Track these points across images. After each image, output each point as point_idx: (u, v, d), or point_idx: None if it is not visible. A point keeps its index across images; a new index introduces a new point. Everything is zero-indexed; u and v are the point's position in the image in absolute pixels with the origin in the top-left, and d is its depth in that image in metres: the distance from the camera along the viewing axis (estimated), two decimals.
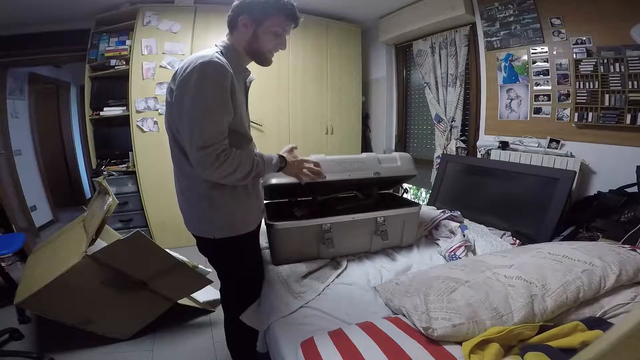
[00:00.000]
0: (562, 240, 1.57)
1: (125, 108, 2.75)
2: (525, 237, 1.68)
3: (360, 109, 3.55)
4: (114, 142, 2.91)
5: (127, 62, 2.67)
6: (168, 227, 2.81)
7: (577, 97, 1.89)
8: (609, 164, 1.83)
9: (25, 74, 3.39)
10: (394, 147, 3.52)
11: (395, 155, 1.60)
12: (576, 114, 1.91)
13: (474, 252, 1.53)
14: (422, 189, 3.39)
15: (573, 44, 1.89)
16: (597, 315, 0.94)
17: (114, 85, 2.78)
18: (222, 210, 1.06)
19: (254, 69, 1.13)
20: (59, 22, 2.80)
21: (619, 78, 1.71)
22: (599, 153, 1.86)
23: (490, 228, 1.83)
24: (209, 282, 1.77)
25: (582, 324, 0.86)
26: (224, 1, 2.66)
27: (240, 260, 1.20)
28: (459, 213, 1.83)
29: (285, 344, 1.00)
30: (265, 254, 1.48)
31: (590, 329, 0.84)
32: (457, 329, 0.85)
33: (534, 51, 2.11)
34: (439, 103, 2.80)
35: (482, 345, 0.81)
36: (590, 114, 1.85)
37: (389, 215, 1.49)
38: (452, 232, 1.65)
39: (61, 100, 4.18)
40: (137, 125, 2.69)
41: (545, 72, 2.06)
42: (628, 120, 1.69)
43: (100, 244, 1.58)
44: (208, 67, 0.90)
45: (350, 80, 3.42)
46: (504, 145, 2.28)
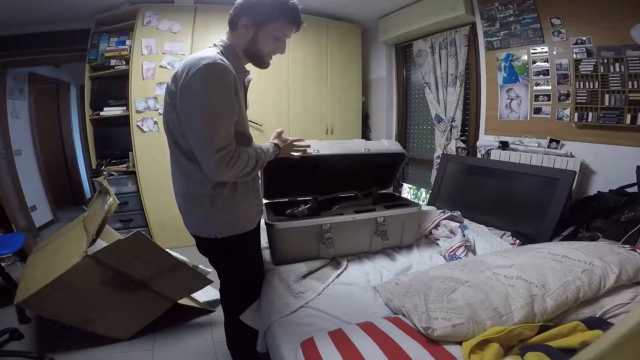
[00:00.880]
0: (562, 240, 1.57)
1: (125, 108, 2.75)
2: (525, 237, 1.68)
3: (360, 109, 3.55)
4: (114, 142, 2.91)
5: (127, 62, 2.67)
6: (168, 227, 2.81)
7: (577, 97, 1.89)
8: (609, 164, 1.83)
9: (25, 74, 3.39)
10: None
11: (381, 140, 1.71)
12: (576, 114, 1.90)
13: (474, 252, 1.54)
14: (422, 189, 3.39)
15: (573, 44, 1.89)
16: (597, 315, 0.94)
17: (114, 85, 2.78)
18: (222, 210, 1.06)
19: (253, 69, 1.13)
20: (59, 22, 2.80)
21: (619, 78, 1.71)
22: (599, 153, 1.86)
23: (490, 228, 1.83)
24: (209, 282, 1.77)
25: (582, 324, 0.86)
26: (224, 1, 2.67)
27: (241, 259, 1.20)
28: (459, 213, 1.83)
29: (285, 344, 1.00)
30: (265, 254, 1.48)
31: (590, 329, 0.84)
32: (457, 329, 0.85)
33: (534, 51, 2.11)
34: (439, 103, 2.80)
35: (482, 345, 0.81)
36: (590, 114, 1.85)
37: (389, 215, 1.49)
38: (452, 232, 1.65)
39: (61, 100, 4.18)
40: (137, 125, 2.69)
41: (545, 72, 2.06)
42: (628, 120, 1.69)
43: (101, 244, 1.58)
44: (212, 69, 0.89)
45: (350, 80, 3.42)
46: (504, 145, 2.28)
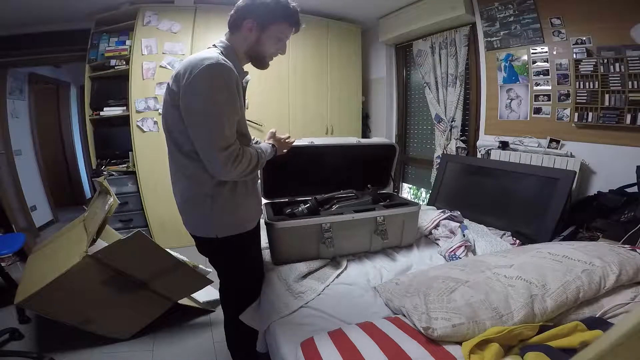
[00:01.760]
0: (562, 240, 1.57)
1: (125, 108, 2.75)
2: (525, 237, 1.68)
3: (360, 109, 3.55)
4: (114, 142, 2.90)
5: (127, 62, 2.67)
6: (168, 227, 2.81)
7: (577, 97, 1.89)
8: (609, 164, 1.83)
9: (25, 74, 3.39)
10: None
11: (373, 137, 1.86)
12: (576, 114, 1.90)
13: (474, 252, 1.54)
14: (422, 189, 3.40)
15: (573, 44, 1.89)
16: (597, 315, 0.94)
17: (114, 85, 2.78)
18: (223, 210, 1.07)
19: (253, 69, 1.14)
20: (59, 22, 2.79)
21: (619, 78, 1.71)
22: (599, 153, 1.86)
23: (490, 228, 1.83)
24: (209, 282, 1.77)
25: (582, 324, 0.86)
26: (224, 1, 2.67)
27: (241, 259, 1.20)
28: (459, 213, 1.83)
29: (285, 344, 1.00)
30: (265, 253, 1.48)
31: (590, 329, 0.84)
32: (457, 329, 0.85)
33: (534, 51, 2.11)
34: (439, 103, 2.80)
35: (482, 345, 0.81)
36: (590, 114, 1.85)
37: (389, 215, 1.49)
38: (452, 232, 1.65)
39: (61, 100, 4.18)
40: (137, 125, 2.69)
41: (545, 72, 2.06)
42: (628, 120, 1.69)
43: (101, 244, 1.58)
44: (216, 69, 0.90)
45: (350, 80, 3.42)
46: (504, 145, 2.28)
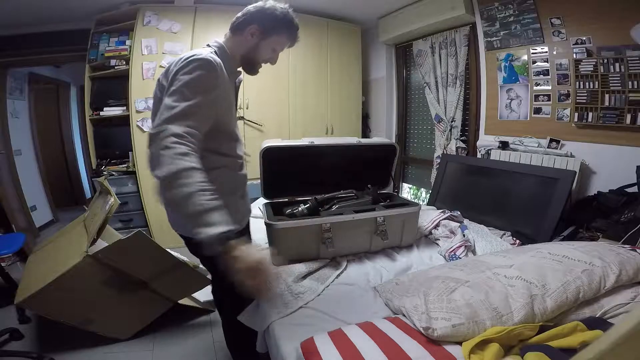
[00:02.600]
0: (562, 240, 1.57)
1: (125, 108, 2.75)
2: (525, 237, 1.68)
3: (360, 109, 3.55)
4: (114, 142, 2.90)
5: (127, 62, 2.67)
6: (168, 227, 2.74)
7: (577, 97, 1.89)
8: (609, 164, 1.83)
9: (25, 74, 3.39)
10: None
11: (373, 137, 1.87)
12: (576, 114, 1.90)
13: (474, 252, 1.53)
14: (422, 189, 3.40)
15: (573, 44, 1.89)
16: (597, 315, 0.94)
17: (114, 85, 2.78)
18: None
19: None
20: (59, 22, 2.80)
21: (619, 78, 1.71)
22: (599, 153, 1.86)
23: (490, 228, 1.83)
24: (209, 282, 1.77)
25: (582, 324, 0.86)
26: (224, 1, 2.68)
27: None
28: (459, 213, 1.83)
29: (285, 343, 1.00)
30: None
31: (590, 329, 0.84)
32: (457, 329, 0.85)
33: (534, 51, 2.11)
34: (439, 103, 2.80)
35: (482, 345, 0.81)
36: (590, 114, 1.85)
37: (389, 215, 1.49)
38: (452, 232, 1.65)
39: (61, 100, 4.18)
40: (137, 125, 2.69)
41: (545, 72, 2.06)
42: (628, 120, 1.69)
43: (101, 243, 1.58)
44: (201, 62, 0.89)
45: (350, 80, 3.42)
46: (504, 145, 2.28)
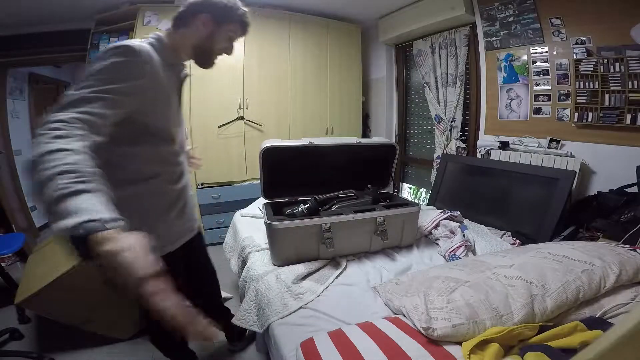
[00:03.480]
0: (562, 240, 1.57)
1: None
2: (525, 237, 1.68)
3: (360, 109, 3.55)
4: None
5: None
6: None
7: (577, 97, 1.89)
8: (609, 164, 1.83)
9: (25, 74, 3.39)
10: None
11: (373, 137, 1.86)
12: (576, 114, 1.91)
13: (474, 252, 1.54)
14: (422, 189, 3.40)
15: (573, 44, 1.89)
16: (597, 315, 0.94)
17: None
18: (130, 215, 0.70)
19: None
20: (59, 22, 2.79)
21: (619, 78, 1.71)
22: (599, 153, 1.86)
23: (490, 228, 1.83)
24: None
25: (582, 324, 0.86)
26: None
27: None
28: (459, 213, 1.83)
29: (285, 344, 1.00)
30: (265, 254, 1.48)
31: (590, 329, 0.84)
32: (457, 329, 0.85)
33: (534, 51, 2.11)
34: (439, 103, 2.80)
35: (482, 345, 0.81)
36: (590, 114, 1.85)
37: (389, 215, 1.49)
38: (452, 232, 1.65)
39: None
40: None
41: (545, 72, 2.06)
42: (628, 120, 1.69)
43: None
44: (122, 51, 0.83)
45: (350, 80, 3.42)
46: (504, 145, 2.28)
